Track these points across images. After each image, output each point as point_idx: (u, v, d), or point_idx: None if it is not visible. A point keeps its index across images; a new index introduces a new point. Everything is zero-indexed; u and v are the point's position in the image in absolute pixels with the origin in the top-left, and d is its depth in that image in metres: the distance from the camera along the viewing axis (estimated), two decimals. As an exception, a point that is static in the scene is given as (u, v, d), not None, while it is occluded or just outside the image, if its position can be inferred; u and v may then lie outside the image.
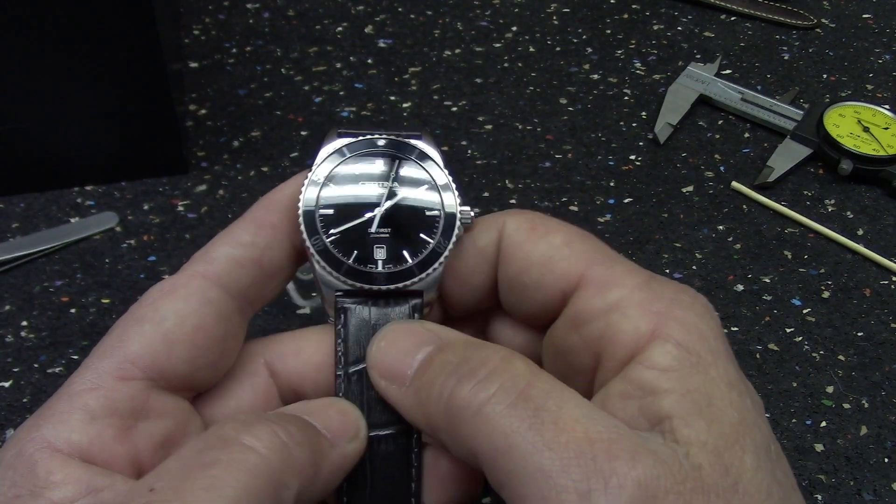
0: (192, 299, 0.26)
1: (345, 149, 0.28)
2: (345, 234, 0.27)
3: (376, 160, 0.28)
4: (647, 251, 0.51)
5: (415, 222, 0.28)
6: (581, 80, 0.63)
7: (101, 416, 0.24)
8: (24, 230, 0.50)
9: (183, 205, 0.52)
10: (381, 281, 0.27)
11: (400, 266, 0.27)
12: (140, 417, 0.25)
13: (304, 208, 0.27)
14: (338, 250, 0.27)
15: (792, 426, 0.42)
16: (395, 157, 0.28)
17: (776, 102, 0.60)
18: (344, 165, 0.28)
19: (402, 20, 0.67)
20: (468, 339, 0.26)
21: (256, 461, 0.22)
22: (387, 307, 0.27)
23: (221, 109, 0.59)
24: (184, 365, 0.26)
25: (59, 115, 0.49)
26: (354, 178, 0.28)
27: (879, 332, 0.47)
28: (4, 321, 0.45)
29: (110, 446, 0.24)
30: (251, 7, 0.68)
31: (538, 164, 0.56)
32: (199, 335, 0.26)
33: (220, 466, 0.21)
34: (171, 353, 0.25)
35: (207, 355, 0.26)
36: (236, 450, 0.22)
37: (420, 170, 0.28)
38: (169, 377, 0.26)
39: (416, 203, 0.28)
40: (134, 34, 0.47)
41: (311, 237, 0.27)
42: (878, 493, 0.40)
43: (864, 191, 0.55)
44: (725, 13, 0.70)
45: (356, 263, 0.27)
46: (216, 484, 0.21)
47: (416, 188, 0.28)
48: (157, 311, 0.26)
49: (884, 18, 0.70)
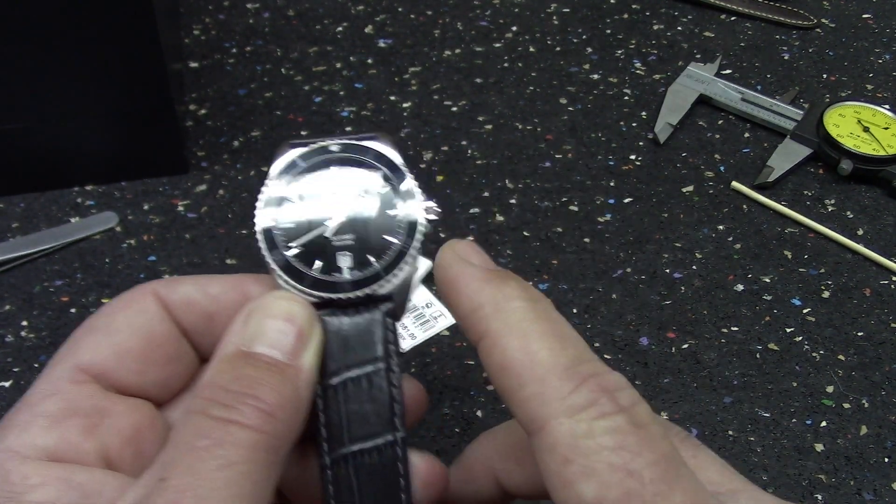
0: (145, 313, 0.27)
1: (298, 160, 0.28)
2: (306, 246, 0.27)
3: (332, 167, 0.28)
4: (647, 251, 0.51)
5: (377, 225, 0.27)
6: (581, 80, 0.63)
7: (62, 418, 0.24)
8: (24, 230, 0.50)
9: (183, 205, 0.52)
10: (346, 288, 0.26)
11: (365, 271, 0.26)
12: (104, 415, 0.25)
13: (262, 226, 0.27)
14: (300, 263, 0.26)
15: (792, 426, 0.42)
16: (351, 161, 0.28)
17: (776, 102, 0.60)
18: (299, 176, 0.27)
19: (402, 20, 0.68)
20: None
21: (255, 437, 0.22)
22: (357, 315, 0.26)
23: (221, 109, 0.59)
24: (133, 376, 0.26)
25: (59, 115, 0.49)
26: (311, 188, 0.27)
27: (879, 332, 0.47)
28: (4, 321, 0.45)
29: (78, 444, 0.24)
30: (251, 7, 0.68)
31: (538, 164, 0.56)
32: (150, 349, 0.26)
33: (227, 446, 0.22)
34: (121, 363, 0.26)
35: (157, 371, 0.27)
36: (232, 429, 0.22)
37: (378, 171, 0.28)
38: (119, 386, 0.26)
39: (376, 206, 0.27)
40: (134, 34, 0.47)
41: (271, 252, 0.26)
42: (878, 493, 0.40)
43: (864, 191, 0.55)
44: (725, 13, 0.70)
45: (320, 274, 0.26)
46: (226, 463, 0.21)
47: (376, 190, 0.28)
48: (110, 323, 0.26)
49: (884, 18, 0.70)
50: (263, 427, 0.23)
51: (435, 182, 0.54)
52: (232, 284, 0.28)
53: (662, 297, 0.48)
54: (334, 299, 0.26)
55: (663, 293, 0.48)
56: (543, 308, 0.24)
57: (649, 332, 0.46)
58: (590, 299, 0.48)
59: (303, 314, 0.25)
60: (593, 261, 0.50)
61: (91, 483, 0.23)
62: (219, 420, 0.22)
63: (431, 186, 0.54)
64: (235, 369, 0.24)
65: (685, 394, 0.44)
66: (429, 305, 0.47)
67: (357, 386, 0.26)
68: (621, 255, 0.50)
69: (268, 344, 0.24)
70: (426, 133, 0.58)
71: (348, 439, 0.25)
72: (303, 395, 0.24)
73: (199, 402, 0.23)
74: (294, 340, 0.25)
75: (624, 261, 0.50)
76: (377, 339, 0.26)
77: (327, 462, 0.25)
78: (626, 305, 0.48)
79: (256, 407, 0.23)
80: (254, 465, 0.22)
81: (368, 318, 0.26)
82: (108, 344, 0.26)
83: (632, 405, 0.22)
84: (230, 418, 0.22)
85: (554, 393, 0.22)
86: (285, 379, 0.24)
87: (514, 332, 0.23)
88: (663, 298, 0.48)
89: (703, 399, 0.43)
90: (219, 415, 0.22)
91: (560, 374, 0.22)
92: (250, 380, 0.23)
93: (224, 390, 0.23)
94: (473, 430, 0.42)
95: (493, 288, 0.24)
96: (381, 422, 0.26)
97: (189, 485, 0.21)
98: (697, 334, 0.46)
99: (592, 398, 0.22)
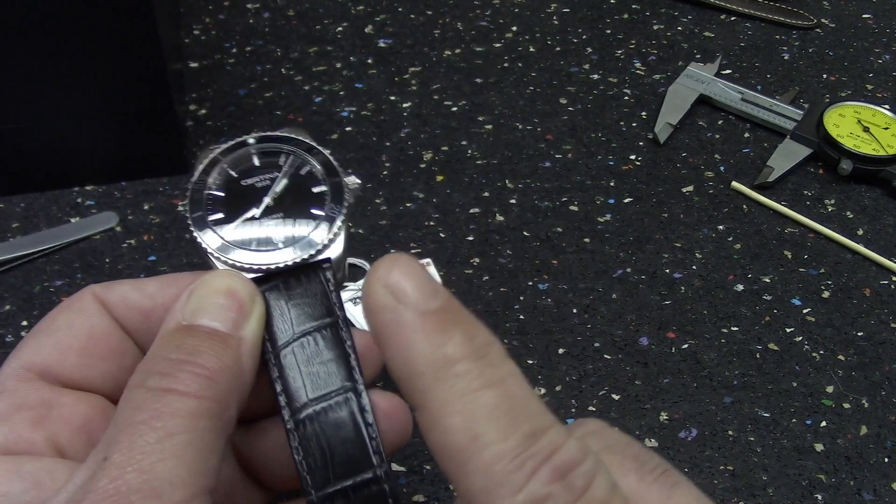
0: (84, 312, 0.27)
1: (219, 155, 0.30)
2: (240, 229, 0.28)
3: (252, 157, 0.30)
4: (647, 251, 0.51)
5: (303, 200, 0.29)
6: (581, 80, 0.63)
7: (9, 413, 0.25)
8: (24, 230, 0.50)
9: (183, 205, 0.52)
10: (281, 258, 0.28)
11: (298, 241, 0.28)
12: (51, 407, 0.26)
13: (194, 217, 0.28)
14: (236, 242, 0.28)
15: (792, 426, 0.42)
16: (268, 150, 0.30)
17: (776, 102, 0.60)
18: (221, 169, 0.29)
19: (402, 20, 0.68)
20: None
21: (194, 404, 0.22)
22: (299, 286, 0.28)
23: (221, 109, 0.59)
24: (77, 369, 0.27)
25: (59, 115, 0.49)
26: (235, 178, 0.29)
27: (879, 332, 0.47)
28: (4, 321, 0.45)
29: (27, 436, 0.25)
30: (251, 7, 0.68)
31: (538, 164, 0.56)
32: (90, 344, 0.27)
33: (165, 417, 0.22)
34: (63, 358, 0.27)
35: (101, 364, 0.27)
36: (171, 398, 0.22)
37: (297, 155, 0.30)
38: (65, 381, 0.27)
39: (299, 183, 0.29)
40: (134, 34, 0.47)
41: (207, 238, 0.28)
42: (878, 493, 0.40)
43: (864, 191, 0.55)
44: (725, 13, 0.70)
45: (255, 248, 0.28)
46: (166, 434, 0.21)
47: (297, 170, 0.30)
48: (52, 323, 0.27)
49: (884, 18, 0.70)
50: (202, 392, 0.23)
51: (435, 182, 0.54)
52: (168, 282, 0.29)
53: (662, 297, 0.48)
54: (273, 269, 0.27)
55: (663, 293, 0.48)
56: (491, 367, 0.21)
57: (649, 332, 0.46)
58: (590, 299, 0.48)
59: (243, 287, 0.26)
60: (593, 261, 0.50)
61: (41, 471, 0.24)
62: (156, 390, 0.22)
63: (431, 186, 0.54)
64: (176, 340, 0.24)
65: (685, 394, 0.44)
66: None
67: (307, 349, 0.27)
68: (621, 255, 0.50)
69: (209, 317, 0.25)
70: (426, 133, 0.58)
71: (309, 400, 0.26)
72: (245, 363, 0.25)
73: (138, 375, 0.23)
74: (235, 313, 0.25)
75: (624, 261, 0.50)
76: (320, 302, 0.27)
77: (291, 426, 0.26)
78: (626, 305, 0.48)
79: (194, 372, 0.23)
80: (195, 432, 0.22)
81: (310, 286, 0.28)
82: (49, 342, 0.27)
83: (587, 485, 0.20)
84: (168, 387, 0.22)
85: (504, 488, 0.20)
86: (227, 347, 0.24)
87: (457, 408, 0.20)
88: (663, 298, 0.48)
89: (703, 399, 0.43)
90: (156, 385, 0.22)
91: (509, 460, 0.20)
92: (190, 348, 0.24)
93: (163, 359, 0.23)
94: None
95: (432, 346, 0.21)
96: (338, 377, 0.26)
97: (130, 460, 0.21)
98: (697, 334, 0.46)
99: (546, 492, 0.20)
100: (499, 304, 0.47)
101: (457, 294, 0.48)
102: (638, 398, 0.43)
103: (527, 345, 0.45)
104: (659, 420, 0.42)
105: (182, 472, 0.21)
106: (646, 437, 0.42)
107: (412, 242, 0.50)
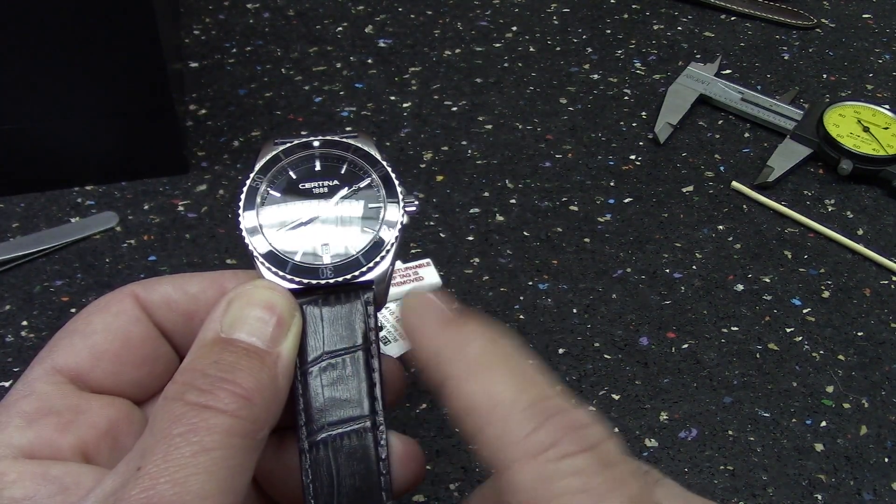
0: (122, 316, 0.27)
1: (281, 154, 0.29)
2: (289, 235, 0.27)
3: (314, 161, 0.29)
4: (647, 251, 0.51)
5: (358, 216, 0.28)
6: (581, 80, 0.63)
7: (37, 417, 0.25)
8: (24, 230, 0.50)
9: (183, 205, 0.52)
10: (328, 275, 0.27)
11: (346, 259, 0.27)
12: (79, 412, 0.26)
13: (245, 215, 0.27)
14: (283, 251, 0.27)
15: (792, 426, 0.42)
16: (332, 155, 0.29)
17: (776, 102, 0.60)
18: (282, 170, 0.28)
19: (402, 20, 0.68)
20: None
21: (231, 422, 0.22)
22: (338, 304, 0.27)
23: (221, 109, 0.59)
24: (109, 377, 0.27)
25: (59, 114, 0.49)
26: (293, 180, 0.28)
27: (879, 332, 0.47)
28: (4, 321, 0.45)
29: (53, 440, 0.25)
30: (251, 7, 0.68)
31: (538, 164, 0.56)
32: (126, 351, 0.27)
33: (202, 433, 0.22)
34: (97, 365, 0.26)
35: (133, 372, 0.27)
36: (208, 415, 0.22)
37: (359, 165, 0.29)
38: (96, 387, 0.26)
39: (357, 197, 0.28)
40: (134, 34, 0.47)
41: (255, 241, 0.27)
42: (878, 493, 0.40)
43: (864, 191, 0.55)
44: (725, 13, 0.70)
45: (301, 259, 0.27)
46: (201, 449, 0.21)
47: (356, 182, 0.29)
48: (88, 325, 0.27)
49: (884, 18, 0.70)
50: (239, 412, 0.23)
51: (435, 182, 0.54)
52: (210, 282, 0.28)
53: (662, 297, 0.48)
54: (314, 285, 0.27)
55: (663, 293, 0.48)
56: (504, 348, 0.24)
57: (649, 332, 0.46)
58: (590, 299, 0.48)
59: (283, 302, 0.26)
60: (593, 261, 0.50)
61: (67, 476, 0.24)
62: (194, 405, 0.22)
63: (431, 186, 0.54)
64: (213, 354, 0.24)
65: (685, 394, 0.44)
66: None
67: (335, 371, 0.26)
68: (621, 255, 0.50)
69: (247, 331, 0.24)
70: (426, 133, 0.58)
71: (327, 424, 0.26)
72: (280, 382, 0.24)
73: (175, 387, 0.23)
74: (273, 329, 0.25)
75: (624, 261, 0.50)
76: (356, 325, 0.27)
77: (305, 446, 0.26)
78: (626, 305, 0.48)
79: (233, 392, 0.23)
80: (229, 450, 0.22)
81: (349, 306, 0.27)
82: (84, 346, 0.26)
83: (599, 442, 0.21)
84: (206, 403, 0.22)
85: (516, 433, 0.21)
86: (263, 365, 0.24)
87: (474, 374, 0.23)
88: (663, 298, 0.48)
89: (703, 399, 0.43)
90: (195, 400, 0.22)
91: (522, 412, 0.22)
92: (228, 365, 0.24)
93: (202, 375, 0.23)
94: (473, 430, 0.42)
95: (451, 332, 0.24)
96: (360, 406, 0.26)
97: (164, 471, 0.21)
98: (697, 334, 0.46)
99: (556, 437, 0.21)
100: (499, 304, 0.47)
101: (457, 294, 0.48)
102: (638, 398, 0.43)
103: (527, 345, 0.45)
104: (659, 420, 0.42)
105: (212, 488, 0.21)
106: (646, 437, 0.42)
107: (412, 242, 0.50)
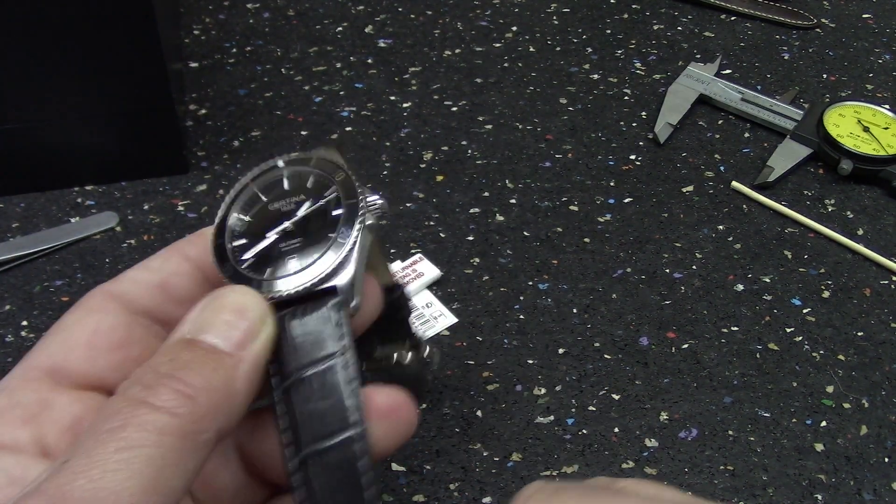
0: (91, 310, 0.28)
1: (249, 179, 0.30)
2: (257, 256, 0.28)
3: (281, 180, 0.29)
4: (647, 251, 0.51)
5: (321, 225, 0.28)
6: (581, 80, 0.63)
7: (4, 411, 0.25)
8: (24, 230, 0.50)
9: (183, 205, 0.52)
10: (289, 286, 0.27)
11: (309, 268, 0.27)
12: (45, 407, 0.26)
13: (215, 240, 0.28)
14: (250, 272, 0.27)
15: (792, 426, 0.42)
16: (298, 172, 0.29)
17: (776, 102, 0.60)
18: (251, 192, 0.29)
19: (402, 20, 0.68)
20: None
21: (165, 419, 0.22)
22: (307, 315, 0.27)
23: (221, 109, 0.59)
24: (83, 364, 0.27)
25: (59, 114, 0.49)
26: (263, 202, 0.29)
27: (879, 332, 0.47)
28: (4, 321, 0.45)
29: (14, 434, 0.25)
30: (251, 7, 0.68)
31: (538, 164, 0.56)
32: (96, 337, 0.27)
33: (130, 429, 0.21)
34: (70, 354, 0.27)
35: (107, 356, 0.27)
36: (143, 411, 0.22)
37: (321, 176, 0.29)
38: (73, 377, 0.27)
39: (320, 207, 0.28)
40: (134, 34, 0.47)
41: (222, 265, 0.27)
42: (878, 493, 0.40)
43: (864, 191, 0.55)
44: (725, 13, 0.70)
45: (269, 278, 0.27)
46: (128, 445, 0.21)
47: (319, 193, 0.29)
48: (60, 324, 0.28)
49: (884, 18, 0.70)
50: (177, 409, 0.22)
51: (435, 182, 0.54)
52: (172, 251, 0.29)
53: (662, 297, 0.48)
54: (278, 297, 0.27)
55: (663, 293, 0.48)
56: None
57: (649, 332, 0.46)
58: (590, 299, 0.48)
59: (255, 308, 0.25)
60: (593, 261, 0.50)
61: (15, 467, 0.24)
62: (132, 400, 0.22)
63: (431, 186, 0.54)
64: (172, 353, 0.24)
65: (685, 394, 0.44)
66: (429, 305, 0.47)
67: (310, 385, 0.26)
68: (621, 255, 0.50)
69: (213, 333, 0.24)
70: (426, 133, 0.58)
71: (307, 441, 0.25)
72: (238, 385, 0.24)
73: (126, 382, 0.23)
74: (240, 332, 0.25)
75: (624, 261, 0.50)
76: (326, 335, 0.26)
77: (289, 468, 0.25)
78: (626, 305, 0.48)
79: (175, 389, 0.23)
80: (160, 448, 0.21)
81: (316, 316, 0.27)
82: (56, 340, 0.27)
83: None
84: (143, 399, 0.22)
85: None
86: (219, 366, 0.24)
87: None
88: (663, 298, 0.48)
89: (703, 399, 0.43)
90: (134, 395, 0.22)
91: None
92: (181, 363, 0.23)
93: (152, 371, 0.23)
94: (473, 430, 0.42)
95: None
96: (338, 419, 0.26)
97: (84, 466, 0.21)
98: (697, 334, 0.46)
99: None
100: (499, 304, 0.47)
101: (457, 294, 0.48)
102: (638, 398, 0.43)
103: (527, 345, 0.45)
104: (659, 420, 0.42)
105: (133, 485, 0.21)
106: (646, 437, 0.42)
107: (412, 242, 0.50)
